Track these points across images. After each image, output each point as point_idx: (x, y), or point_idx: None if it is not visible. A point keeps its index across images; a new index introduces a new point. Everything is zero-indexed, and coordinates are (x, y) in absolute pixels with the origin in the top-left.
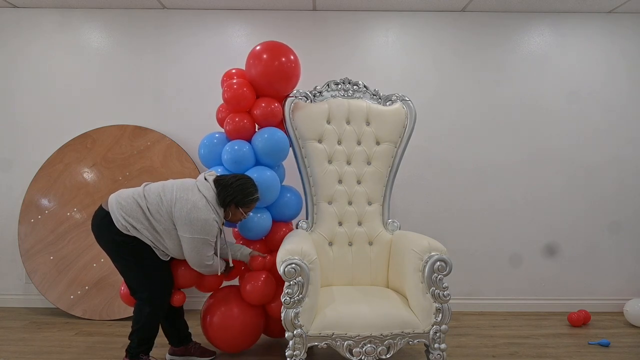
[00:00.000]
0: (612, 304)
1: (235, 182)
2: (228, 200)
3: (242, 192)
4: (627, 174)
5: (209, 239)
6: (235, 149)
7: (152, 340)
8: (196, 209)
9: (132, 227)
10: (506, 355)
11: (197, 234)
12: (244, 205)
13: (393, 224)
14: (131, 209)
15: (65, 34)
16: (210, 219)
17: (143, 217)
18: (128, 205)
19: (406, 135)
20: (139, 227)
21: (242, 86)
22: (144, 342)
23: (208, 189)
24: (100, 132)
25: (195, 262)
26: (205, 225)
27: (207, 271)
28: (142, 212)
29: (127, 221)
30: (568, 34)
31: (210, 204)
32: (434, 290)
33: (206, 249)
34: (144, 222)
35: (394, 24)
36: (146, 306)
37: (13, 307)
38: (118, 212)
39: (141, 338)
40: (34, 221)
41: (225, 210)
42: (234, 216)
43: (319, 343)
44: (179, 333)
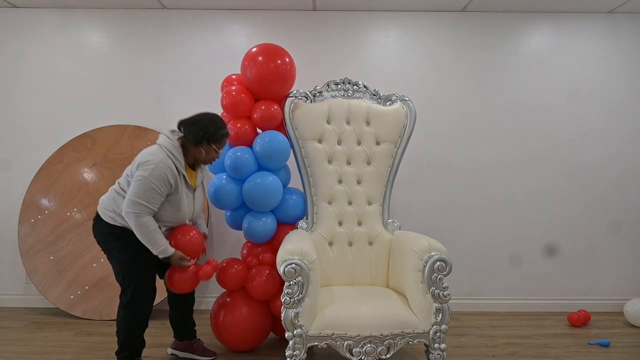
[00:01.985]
0: (612, 304)
1: (204, 117)
2: (200, 135)
3: (212, 125)
4: (627, 173)
5: (154, 184)
6: (237, 156)
7: (134, 346)
8: (146, 153)
9: (113, 212)
10: (506, 355)
11: (143, 173)
12: (216, 141)
13: (393, 224)
14: (111, 199)
15: (65, 34)
16: (159, 159)
17: (119, 198)
18: (109, 198)
19: (406, 135)
20: (118, 210)
21: (240, 93)
22: (125, 347)
23: (163, 138)
24: (100, 132)
25: (127, 201)
26: (151, 165)
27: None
28: (116, 194)
29: (112, 211)
30: (568, 34)
31: (162, 146)
32: (434, 290)
33: (144, 192)
34: (119, 203)
35: (394, 24)
36: (121, 309)
37: (13, 307)
38: (103, 208)
39: (122, 342)
40: (34, 221)
41: (198, 148)
42: (207, 154)
43: (319, 343)
44: (186, 328)
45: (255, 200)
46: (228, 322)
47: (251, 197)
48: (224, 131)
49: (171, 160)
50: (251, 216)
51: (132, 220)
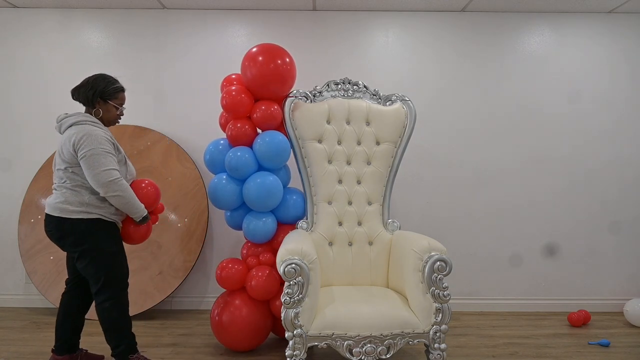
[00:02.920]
0: (612, 304)
1: (89, 78)
2: (90, 94)
3: (100, 82)
4: (628, 173)
5: (104, 147)
6: (237, 156)
7: (130, 333)
8: (72, 135)
9: (81, 206)
10: (506, 355)
11: (86, 148)
12: (110, 96)
13: (393, 224)
14: (71, 195)
15: (65, 34)
16: (87, 130)
17: (76, 193)
18: (59, 197)
19: (406, 135)
20: (85, 201)
21: (240, 93)
22: (123, 337)
23: (66, 121)
24: None
25: (95, 180)
26: (90, 136)
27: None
28: (71, 191)
29: (80, 204)
30: (568, 34)
31: (79, 122)
32: (434, 290)
33: (101, 161)
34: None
35: (394, 24)
36: (107, 301)
37: (13, 307)
38: (67, 205)
39: (120, 335)
40: (34, 221)
41: (95, 110)
42: (107, 113)
43: (319, 343)
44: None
45: (256, 201)
46: (228, 322)
47: (251, 197)
48: (116, 85)
49: (96, 126)
50: (251, 216)
51: (115, 187)
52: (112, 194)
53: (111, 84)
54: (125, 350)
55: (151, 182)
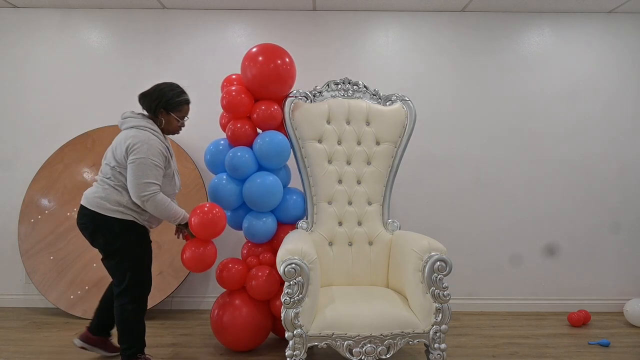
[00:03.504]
0: (612, 304)
1: (158, 87)
2: (154, 105)
3: (167, 93)
4: (628, 173)
5: (154, 160)
6: (237, 156)
7: (143, 337)
8: (130, 137)
9: (119, 206)
10: (506, 355)
11: (137, 155)
12: (174, 109)
13: (393, 224)
14: (112, 193)
15: (65, 34)
16: (146, 137)
17: (117, 192)
18: (100, 192)
19: (406, 135)
20: (123, 203)
21: (240, 93)
22: (136, 341)
23: (129, 121)
24: (100, 132)
25: (134, 189)
26: (144, 145)
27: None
28: (113, 189)
29: (118, 204)
30: (568, 34)
31: (140, 127)
32: (434, 290)
33: (146, 172)
34: (122, 196)
35: (394, 24)
36: (128, 304)
37: (13, 307)
38: (104, 202)
39: (133, 338)
40: (34, 221)
41: (157, 120)
42: (168, 124)
43: (319, 343)
44: (110, 323)
45: (256, 201)
46: (228, 322)
47: (251, 197)
48: (181, 98)
49: (156, 136)
50: (251, 216)
51: (150, 201)
52: (143, 204)
53: (176, 96)
54: (135, 352)
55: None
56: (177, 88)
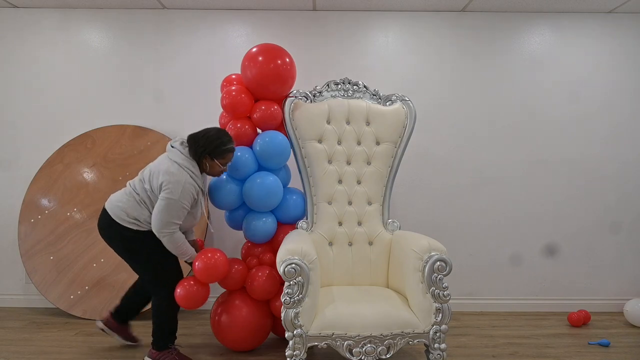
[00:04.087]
0: (612, 304)
1: (207, 133)
2: (200, 151)
3: (214, 141)
4: (628, 173)
5: (183, 203)
6: (237, 156)
7: (175, 332)
8: (169, 174)
9: (135, 220)
10: (506, 355)
11: (170, 194)
12: (218, 156)
13: (393, 224)
14: (133, 208)
15: (65, 34)
16: (184, 180)
17: (139, 207)
18: (129, 205)
19: (406, 135)
20: (141, 219)
21: (240, 93)
22: (168, 334)
23: (176, 154)
24: (100, 132)
25: (157, 222)
26: (179, 187)
27: (171, 242)
28: (136, 203)
29: (135, 219)
30: (568, 34)
31: (182, 166)
32: (434, 290)
33: (172, 213)
34: (142, 211)
35: (394, 24)
36: (164, 300)
37: (13, 307)
38: (122, 213)
39: (165, 331)
40: (34, 221)
41: (200, 163)
42: (211, 169)
43: (319, 343)
44: (131, 313)
45: (256, 201)
46: (228, 322)
47: (251, 197)
48: (227, 147)
49: (193, 179)
50: (251, 216)
51: (167, 238)
52: (159, 237)
53: (223, 144)
54: (166, 344)
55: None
56: (225, 136)
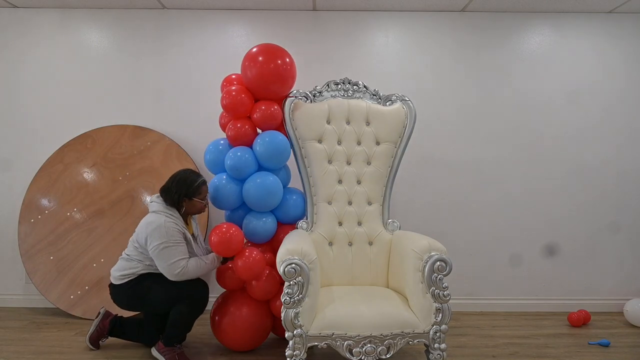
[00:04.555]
0: (612, 304)
1: (174, 178)
2: (176, 198)
3: (184, 183)
4: (627, 173)
5: (169, 241)
6: (237, 156)
7: (185, 334)
8: (148, 224)
9: (127, 273)
10: (506, 355)
11: (156, 241)
12: (194, 195)
13: (393, 224)
14: (120, 264)
15: (65, 34)
16: (162, 221)
17: (129, 262)
18: (122, 267)
19: (406, 135)
20: (130, 271)
21: (240, 93)
22: (179, 334)
23: (154, 206)
24: (100, 132)
25: (166, 271)
26: (161, 229)
27: (191, 274)
28: (126, 261)
29: (127, 269)
30: (568, 34)
31: (159, 212)
32: (434, 290)
33: (171, 253)
34: (131, 264)
35: (394, 24)
36: (184, 307)
37: (13, 307)
38: (119, 275)
39: (176, 332)
40: (34, 221)
41: (181, 208)
42: (193, 208)
43: (319, 343)
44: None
45: (255, 201)
46: (228, 322)
47: (251, 197)
48: (197, 183)
49: (172, 221)
50: (251, 216)
51: (182, 274)
52: (179, 279)
53: (194, 182)
54: (173, 342)
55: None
56: (192, 175)
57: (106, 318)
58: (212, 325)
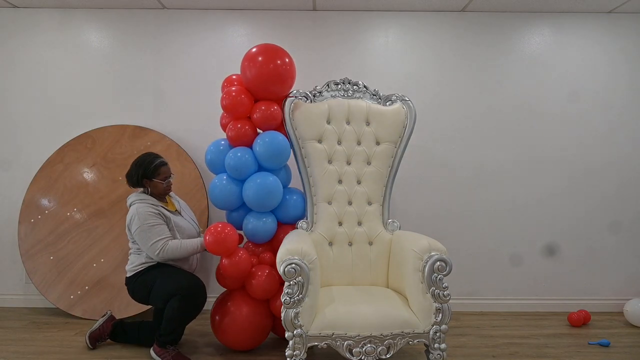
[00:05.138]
0: (612, 304)
1: (134, 163)
2: (135, 179)
3: (140, 167)
4: (627, 173)
5: (142, 225)
6: (237, 156)
7: (178, 333)
8: (128, 215)
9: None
10: (506, 355)
11: (134, 228)
12: (152, 175)
13: (393, 224)
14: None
15: (65, 34)
16: (135, 209)
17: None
18: (132, 260)
19: (406, 135)
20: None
21: (240, 93)
22: (171, 333)
23: (129, 197)
24: (100, 132)
25: (149, 253)
26: (136, 217)
27: (171, 253)
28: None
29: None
30: (568, 34)
31: (134, 202)
32: (434, 290)
33: (147, 236)
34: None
35: (394, 24)
36: (176, 302)
37: (13, 307)
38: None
39: (168, 330)
40: (34, 221)
41: (146, 189)
42: (155, 189)
43: (319, 343)
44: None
45: (255, 201)
46: (228, 322)
47: (251, 197)
48: (155, 163)
49: (143, 203)
50: (251, 216)
51: (163, 254)
52: (164, 260)
53: (151, 163)
54: (165, 343)
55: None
56: (149, 156)
57: (110, 321)
58: (212, 324)
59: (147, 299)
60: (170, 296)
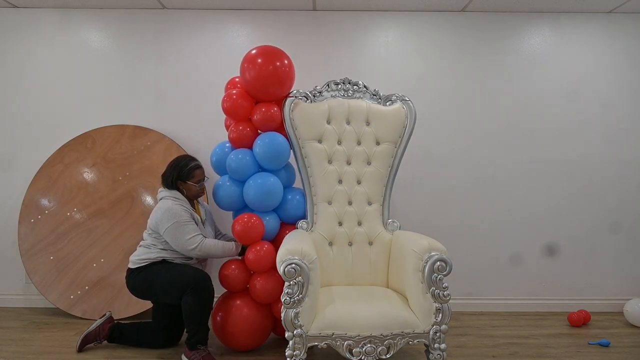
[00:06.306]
0: (612, 304)
1: (169, 165)
2: (169, 180)
3: (177, 166)
4: (628, 173)
5: (179, 220)
6: (238, 158)
7: (203, 330)
8: (159, 209)
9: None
10: (506, 355)
11: (167, 223)
12: (188, 177)
13: (393, 224)
14: (139, 251)
15: (65, 34)
16: (170, 205)
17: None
18: (139, 252)
19: (406, 135)
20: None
21: (240, 96)
22: (196, 332)
23: (161, 192)
24: (100, 132)
25: (183, 248)
26: (170, 212)
27: (208, 251)
28: (144, 248)
29: (144, 255)
30: (568, 34)
31: (167, 198)
32: (434, 290)
33: (182, 232)
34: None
35: (394, 24)
36: (189, 297)
37: (13, 307)
38: (136, 260)
39: (193, 328)
40: (34, 221)
41: (179, 190)
42: (189, 192)
43: (319, 343)
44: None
45: (255, 201)
46: (229, 323)
47: (251, 198)
48: (190, 166)
49: (177, 202)
50: None
51: (200, 249)
52: (198, 256)
53: (186, 165)
54: (195, 343)
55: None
56: (185, 158)
57: (108, 322)
58: (213, 324)
59: (146, 294)
60: (181, 292)
